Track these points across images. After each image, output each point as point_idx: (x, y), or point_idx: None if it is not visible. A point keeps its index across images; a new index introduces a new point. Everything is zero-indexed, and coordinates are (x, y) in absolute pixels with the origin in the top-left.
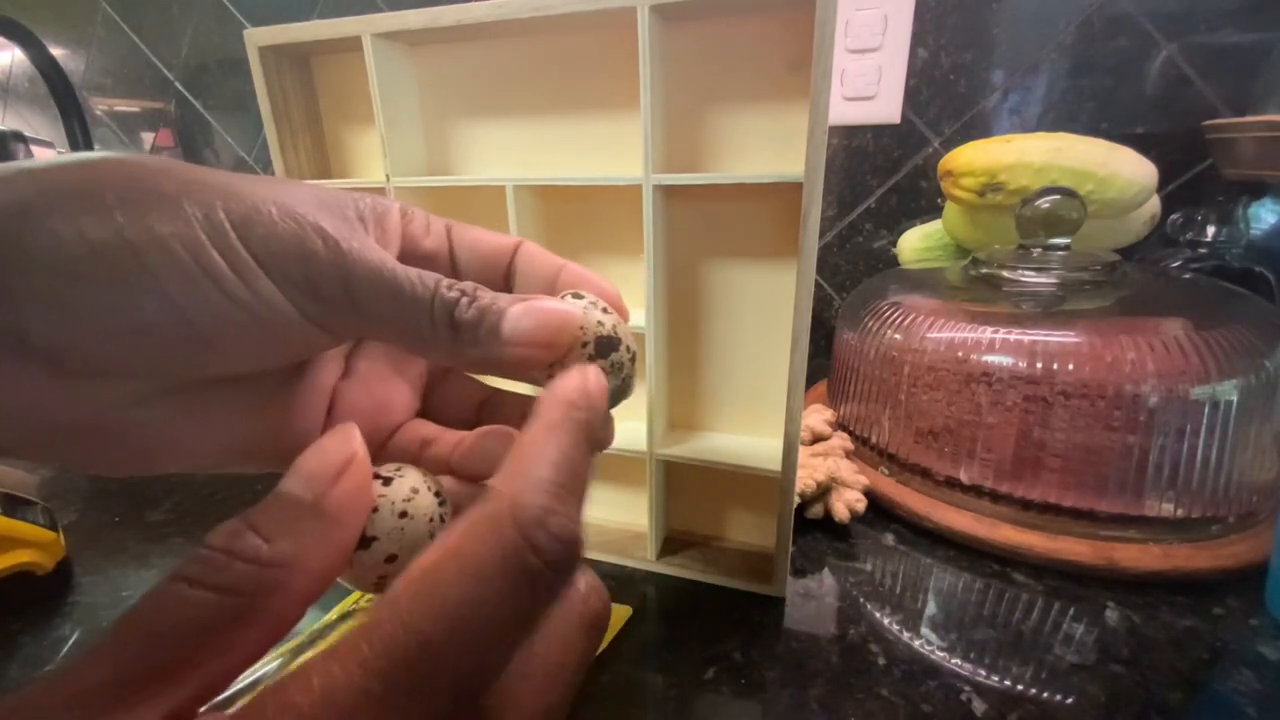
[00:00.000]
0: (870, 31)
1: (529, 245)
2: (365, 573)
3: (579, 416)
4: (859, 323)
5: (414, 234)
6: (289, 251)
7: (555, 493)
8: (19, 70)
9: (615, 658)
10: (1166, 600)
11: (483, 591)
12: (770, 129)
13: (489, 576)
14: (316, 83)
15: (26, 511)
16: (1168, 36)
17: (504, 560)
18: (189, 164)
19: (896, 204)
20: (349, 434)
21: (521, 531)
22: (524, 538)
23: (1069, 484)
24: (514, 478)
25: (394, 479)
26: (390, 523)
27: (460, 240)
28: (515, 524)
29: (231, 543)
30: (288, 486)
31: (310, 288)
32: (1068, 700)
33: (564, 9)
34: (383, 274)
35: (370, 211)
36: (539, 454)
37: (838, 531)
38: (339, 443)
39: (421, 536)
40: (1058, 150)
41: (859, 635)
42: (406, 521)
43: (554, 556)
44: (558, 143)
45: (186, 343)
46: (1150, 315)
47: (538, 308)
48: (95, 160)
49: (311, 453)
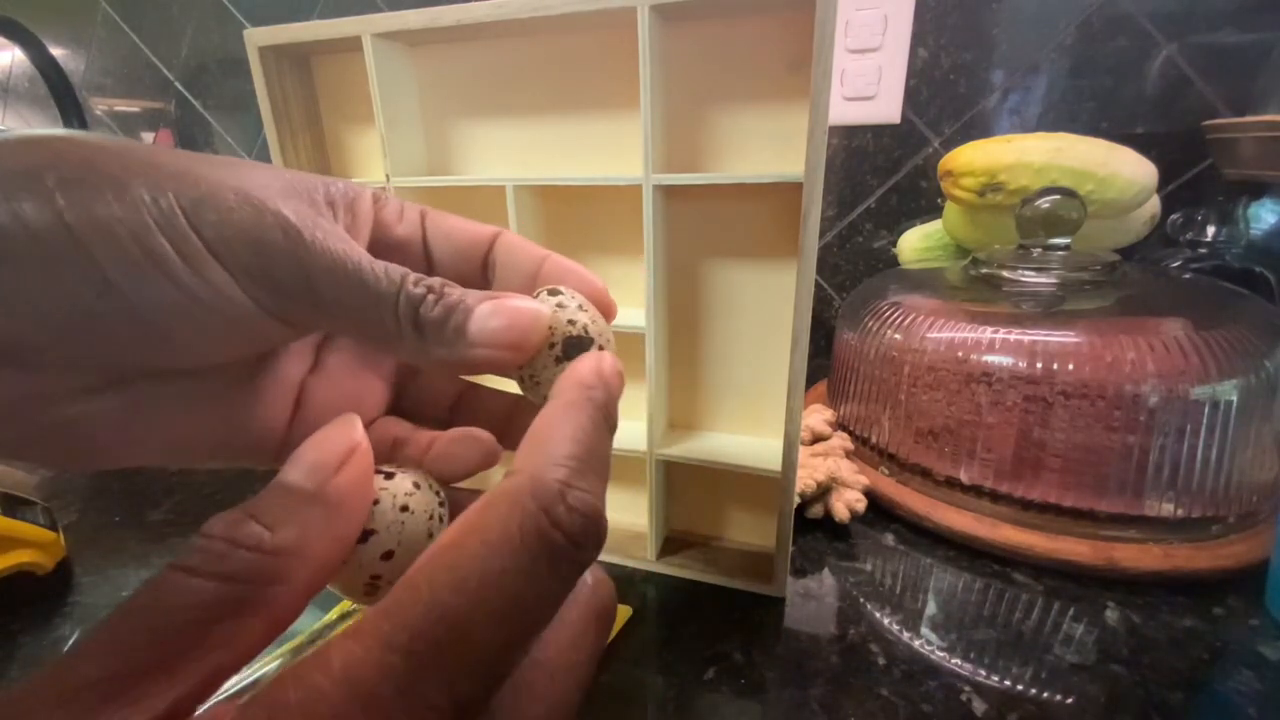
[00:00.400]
0: (870, 31)
1: (508, 235)
2: (359, 571)
3: (596, 396)
4: (859, 323)
5: (386, 220)
6: (245, 239)
7: (575, 468)
8: (19, 70)
9: (615, 658)
10: (1166, 600)
11: (505, 564)
12: (770, 129)
13: (512, 550)
14: (316, 83)
15: (26, 511)
16: (1168, 36)
17: (524, 534)
18: (151, 146)
19: (896, 204)
20: (351, 423)
21: (541, 505)
22: (544, 511)
23: (1069, 484)
24: (533, 455)
25: (396, 474)
26: (391, 515)
27: (435, 228)
28: (535, 498)
29: (233, 531)
30: (289, 475)
31: (267, 278)
32: (1068, 700)
33: (564, 9)
34: (346, 266)
35: (341, 196)
36: (557, 432)
37: (838, 531)
38: (341, 432)
39: (420, 534)
40: (1058, 150)
41: (859, 635)
42: (407, 516)
43: (575, 530)
44: (558, 143)
45: (132, 333)
46: (1150, 315)
47: (507, 307)
48: (43, 138)
49: (313, 441)
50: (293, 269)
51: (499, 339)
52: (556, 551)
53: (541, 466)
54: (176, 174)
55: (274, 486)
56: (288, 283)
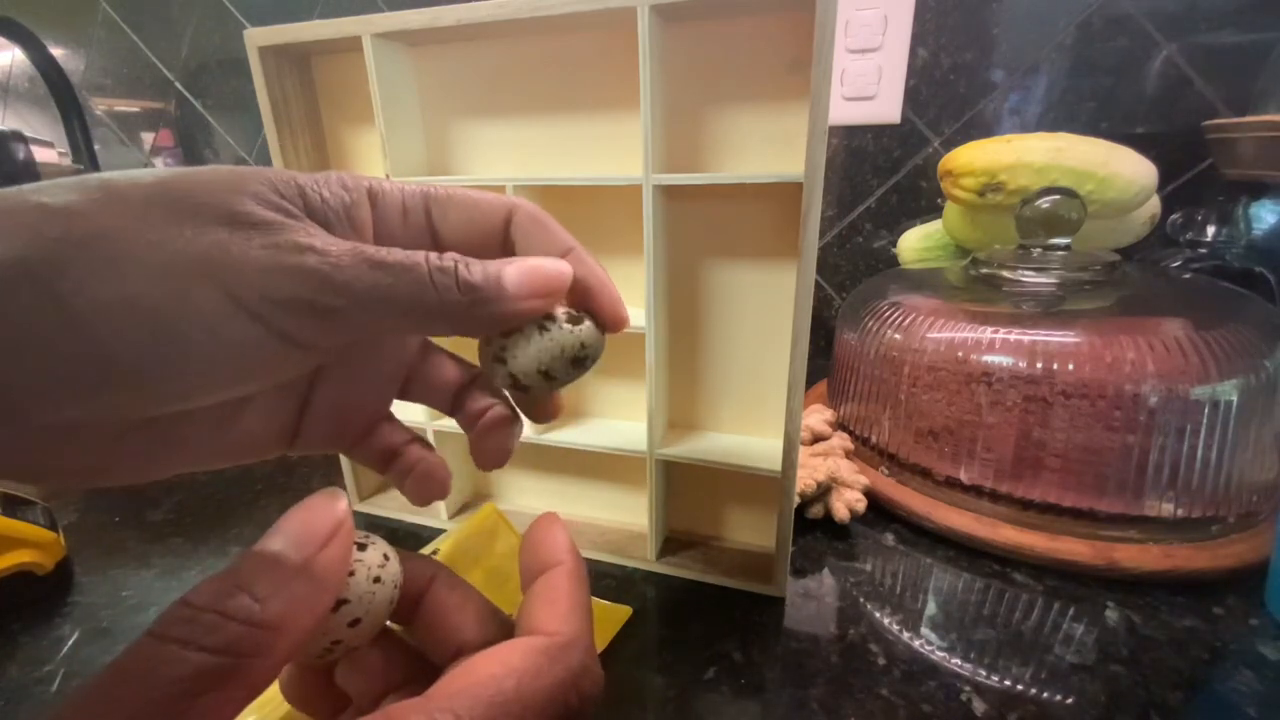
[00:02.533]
0: (870, 31)
1: (525, 213)
2: (322, 639)
3: (579, 559)
4: (859, 323)
5: (389, 219)
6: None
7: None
8: (19, 70)
9: (615, 658)
10: (1166, 600)
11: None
12: (770, 129)
13: (540, 706)
14: (316, 83)
15: (26, 511)
16: (1168, 36)
17: (553, 694)
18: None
19: (896, 204)
20: (336, 498)
21: (571, 673)
22: (573, 679)
23: (1069, 484)
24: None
25: (368, 545)
26: (365, 586)
27: (441, 216)
28: (567, 666)
29: (223, 603)
30: (274, 544)
31: (313, 311)
32: (1068, 700)
33: (564, 9)
34: (375, 256)
35: (339, 209)
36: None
37: (838, 531)
38: (327, 506)
39: (384, 602)
40: (1058, 150)
41: (859, 635)
42: (378, 587)
43: (585, 699)
44: (558, 143)
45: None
46: (1150, 315)
47: (530, 265)
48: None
49: (298, 514)
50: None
51: (535, 289)
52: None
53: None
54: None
55: (259, 556)
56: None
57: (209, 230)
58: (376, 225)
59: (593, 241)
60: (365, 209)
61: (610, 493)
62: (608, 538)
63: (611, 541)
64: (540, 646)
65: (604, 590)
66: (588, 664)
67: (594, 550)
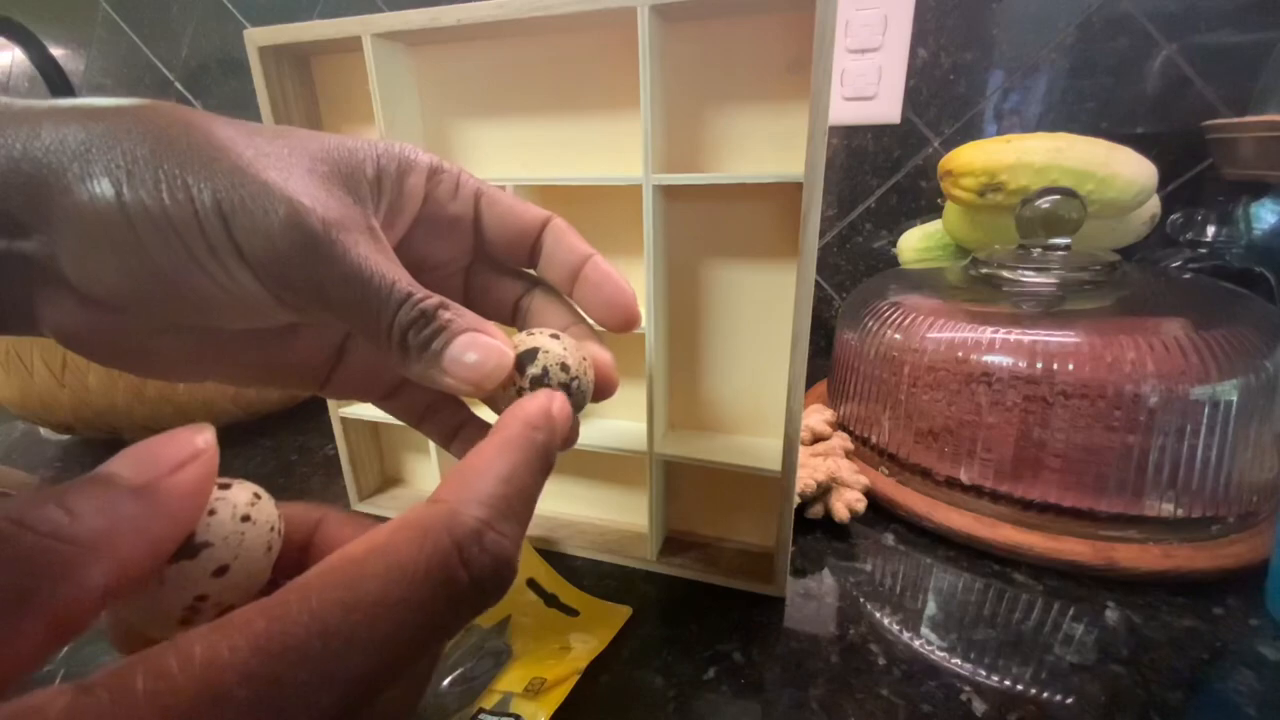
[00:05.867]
0: (870, 31)
1: (558, 225)
2: (181, 592)
3: (537, 438)
4: (859, 323)
5: (440, 197)
6: (271, 247)
7: (498, 509)
8: (19, 70)
9: (615, 658)
10: (1166, 600)
11: (403, 594)
12: (770, 129)
13: (414, 581)
14: (316, 83)
15: None
16: (1168, 36)
17: (430, 567)
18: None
19: (896, 204)
20: (199, 430)
21: (456, 540)
22: (457, 548)
23: (1069, 484)
24: (459, 487)
25: (233, 484)
26: (230, 526)
27: (490, 210)
28: (450, 532)
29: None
30: (112, 465)
31: (286, 282)
32: (1068, 700)
33: (564, 9)
34: (360, 276)
35: (393, 172)
36: (490, 467)
37: (838, 531)
38: (186, 434)
39: (260, 547)
40: (1058, 150)
41: (859, 635)
42: (248, 527)
43: (483, 573)
44: (558, 143)
45: (180, 304)
46: (1150, 315)
47: (481, 343)
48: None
49: (154, 439)
50: (309, 276)
51: (465, 373)
52: (458, 591)
53: (465, 501)
54: (230, 170)
55: (93, 474)
56: (304, 287)
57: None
58: (428, 194)
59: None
60: (420, 176)
61: (610, 493)
62: (608, 538)
63: (611, 541)
64: (412, 518)
65: (604, 590)
66: (480, 532)
67: (594, 550)
